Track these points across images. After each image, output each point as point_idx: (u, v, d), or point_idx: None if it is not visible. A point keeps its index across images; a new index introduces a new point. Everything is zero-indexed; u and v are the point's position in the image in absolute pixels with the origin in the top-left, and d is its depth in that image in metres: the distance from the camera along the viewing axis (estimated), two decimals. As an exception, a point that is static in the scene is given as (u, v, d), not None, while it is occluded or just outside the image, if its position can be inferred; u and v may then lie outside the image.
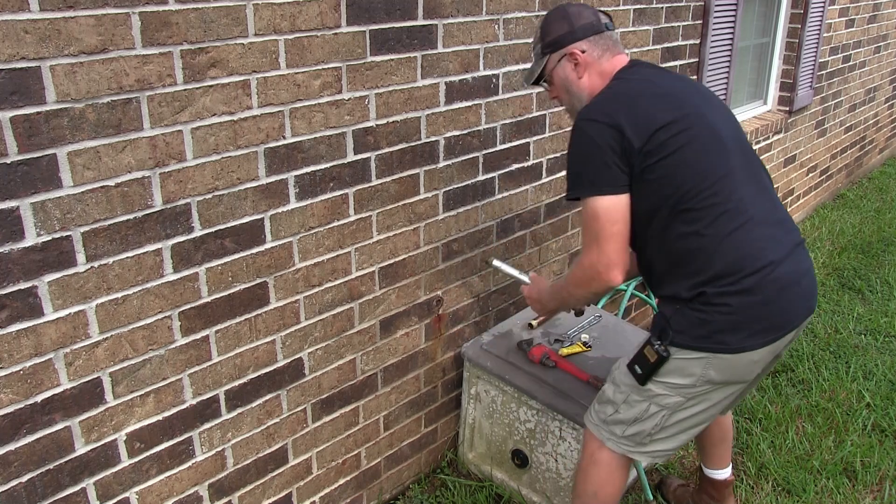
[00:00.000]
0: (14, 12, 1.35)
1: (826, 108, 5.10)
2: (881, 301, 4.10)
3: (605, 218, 1.76)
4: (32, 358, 1.54)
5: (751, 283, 1.74)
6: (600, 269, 1.79)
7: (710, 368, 1.80)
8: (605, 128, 1.74)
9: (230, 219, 1.81)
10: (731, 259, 1.75)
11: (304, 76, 1.85)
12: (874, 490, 2.70)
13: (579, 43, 1.90)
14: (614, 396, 1.96)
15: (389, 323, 2.34)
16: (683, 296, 1.80)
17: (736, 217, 1.77)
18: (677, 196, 1.76)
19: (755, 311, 1.76)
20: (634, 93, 1.83)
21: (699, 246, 1.77)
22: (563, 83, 1.95)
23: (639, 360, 1.89)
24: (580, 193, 1.79)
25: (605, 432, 1.99)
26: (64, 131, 1.46)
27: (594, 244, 1.78)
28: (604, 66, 1.91)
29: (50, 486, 1.64)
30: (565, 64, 1.93)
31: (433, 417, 2.68)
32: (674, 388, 1.85)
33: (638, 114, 1.76)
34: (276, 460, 2.14)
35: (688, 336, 1.80)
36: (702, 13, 3.33)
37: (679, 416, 1.90)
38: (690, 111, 1.81)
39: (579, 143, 1.80)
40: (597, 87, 1.91)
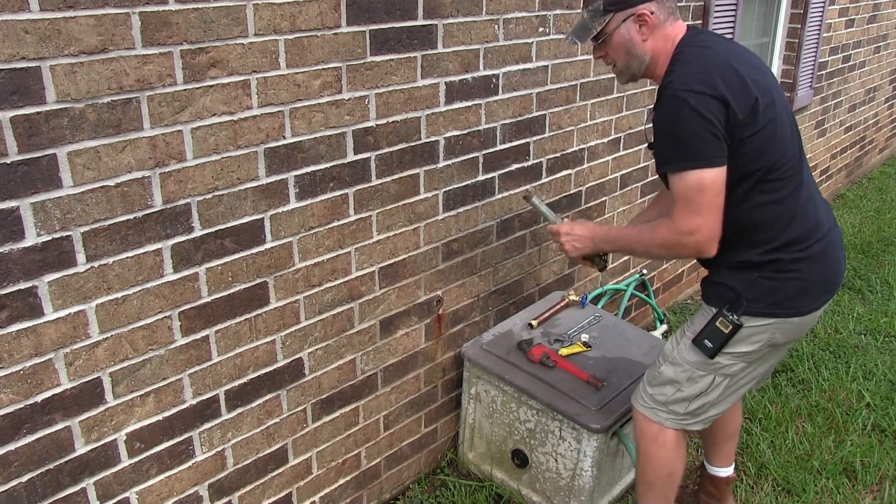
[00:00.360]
0: (14, 12, 1.35)
1: (826, 108, 5.10)
2: (881, 301, 4.10)
3: (711, 189, 1.75)
4: (32, 358, 1.54)
5: (818, 248, 1.87)
6: (700, 238, 1.79)
7: (777, 332, 1.91)
8: (710, 99, 1.72)
9: (230, 219, 1.81)
10: (806, 227, 1.86)
11: (304, 76, 1.85)
12: (874, 490, 2.70)
13: (649, 3, 1.84)
14: (676, 375, 2.00)
15: (389, 323, 2.34)
16: (754, 261, 1.86)
17: (807, 188, 1.89)
18: (766, 167, 1.80)
19: (819, 274, 1.89)
20: (725, 63, 1.79)
21: (778, 214, 1.84)
22: (625, 45, 1.89)
23: (709, 334, 1.92)
24: (687, 166, 1.75)
25: (664, 413, 2.04)
26: (64, 131, 1.46)
27: (697, 215, 1.77)
28: (667, 30, 1.87)
29: (50, 486, 1.64)
30: (630, 25, 1.86)
31: (433, 417, 2.68)
32: (739, 356, 1.93)
33: (736, 85, 1.75)
34: (276, 460, 2.14)
35: (761, 304, 1.87)
36: (702, 13, 3.33)
37: (739, 382, 1.99)
38: (770, 86, 1.84)
39: (684, 114, 1.74)
40: (659, 50, 1.87)
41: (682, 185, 1.78)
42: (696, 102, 1.72)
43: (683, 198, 1.79)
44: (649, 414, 2.06)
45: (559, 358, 2.49)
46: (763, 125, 1.77)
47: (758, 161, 1.80)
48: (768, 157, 1.80)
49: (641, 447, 2.12)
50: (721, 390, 1.98)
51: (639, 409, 2.09)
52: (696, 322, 2.00)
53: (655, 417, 2.05)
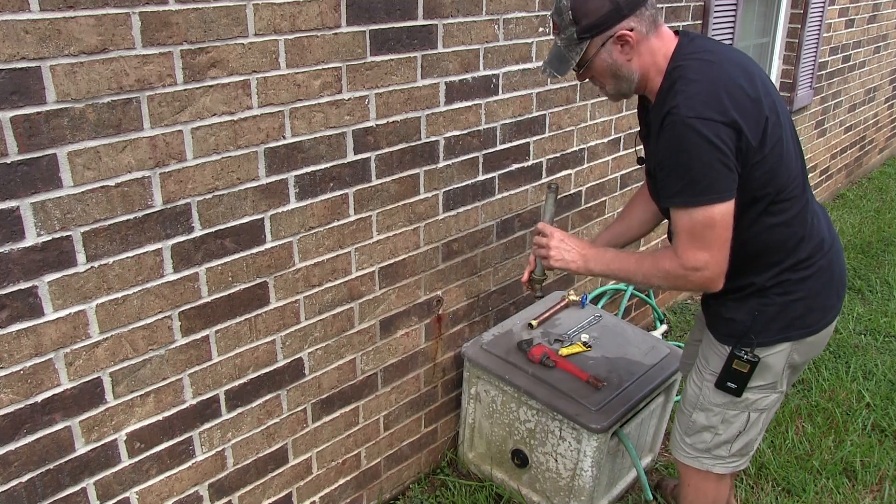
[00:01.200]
0: (14, 12, 1.35)
1: (826, 108, 5.10)
2: (881, 301, 4.10)
3: (721, 225, 1.61)
4: (32, 358, 1.54)
5: (823, 263, 1.80)
6: (708, 275, 1.67)
7: (793, 354, 1.84)
8: (722, 127, 1.56)
9: (230, 219, 1.81)
10: (812, 245, 1.78)
11: (304, 76, 1.85)
12: (874, 490, 2.70)
13: (626, 21, 1.64)
14: (709, 421, 1.92)
15: (389, 323, 2.34)
16: (762, 285, 1.77)
17: (810, 205, 1.80)
18: (775, 189, 1.69)
19: (826, 288, 1.82)
20: (732, 80, 1.62)
21: (788, 235, 1.75)
22: (609, 68, 1.71)
23: (729, 377, 1.84)
24: (696, 202, 1.60)
25: (709, 460, 1.96)
26: (64, 131, 1.46)
27: (706, 250, 1.64)
28: (652, 42, 1.69)
29: (50, 486, 1.64)
30: (611, 47, 1.67)
31: (433, 417, 2.68)
32: (766, 388, 1.87)
33: (746, 106, 1.60)
34: (276, 460, 2.14)
35: (770, 332, 1.80)
36: (702, 13, 3.33)
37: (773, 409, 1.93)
38: (773, 98, 1.70)
39: (693, 144, 1.57)
40: (648, 65, 1.70)
41: (689, 220, 1.64)
42: (706, 130, 1.55)
43: (689, 232, 1.65)
44: (694, 464, 1.99)
45: (559, 358, 2.49)
46: (772, 146, 1.65)
47: (768, 185, 1.68)
48: (778, 179, 1.69)
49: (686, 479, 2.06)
50: (760, 426, 1.92)
51: (682, 460, 2.02)
52: (711, 361, 1.91)
53: (701, 465, 1.98)
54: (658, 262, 1.75)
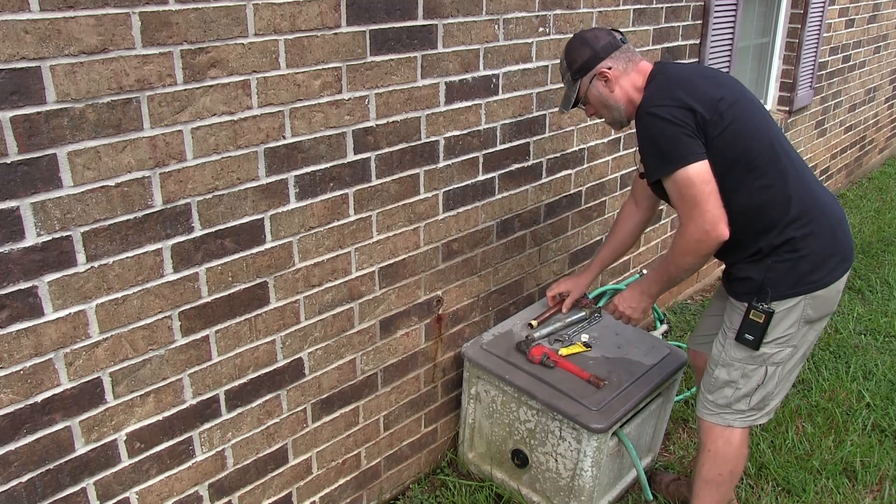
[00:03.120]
0: (14, 12, 1.35)
1: (826, 108, 5.10)
2: (881, 301, 4.10)
3: (699, 180, 1.90)
4: (32, 358, 1.54)
5: (820, 222, 2.00)
6: (707, 227, 1.91)
7: (808, 308, 2.04)
8: (676, 109, 1.91)
9: (230, 219, 1.81)
10: (803, 204, 1.99)
11: (304, 76, 1.85)
12: (874, 490, 2.70)
13: (604, 62, 2.07)
14: (730, 375, 2.13)
15: (389, 323, 2.34)
16: (771, 244, 1.99)
17: (792, 168, 2.02)
18: (745, 157, 1.96)
19: (830, 245, 2.02)
20: (684, 77, 2.02)
21: (772, 195, 1.98)
22: (600, 100, 2.12)
23: (747, 328, 2.06)
24: (670, 170, 1.92)
25: (730, 415, 2.17)
26: (64, 131, 1.46)
27: (695, 209, 1.91)
28: (631, 76, 2.08)
29: (50, 486, 1.64)
30: (597, 83, 2.10)
31: (433, 417, 2.68)
32: (782, 341, 2.06)
33: (697, 91, 1.94)
34: (276, 460, 2.14)
35: (784, 286, 2.01)
36: (702, 13, 3.33)
37: (790, 366, 2.12)
38: (732, 86, 2.03)
39: (656, 127, 1.93)
40: (631, 93, 2.08)
41: (674, 185, 1.94)
42: (662, 113, 1.92)
43: (679, 197, 1.95)
44: (716, 420, 2.18)
45: (559, 358, 2.49)
46: (730, 121, 1.93)
47: (735, 151, 1.94)
48: (744, 147, 1.95)
49: (707, 445, 2.22)
50: (776, 379, 2.11)
51: (705, 417, 2.21)
52: (733, 320, 2.11)
53: (723, 421, 2.17)
54: (674, 246, 2.04)
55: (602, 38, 2.09)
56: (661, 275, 2.17)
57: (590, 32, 2.13)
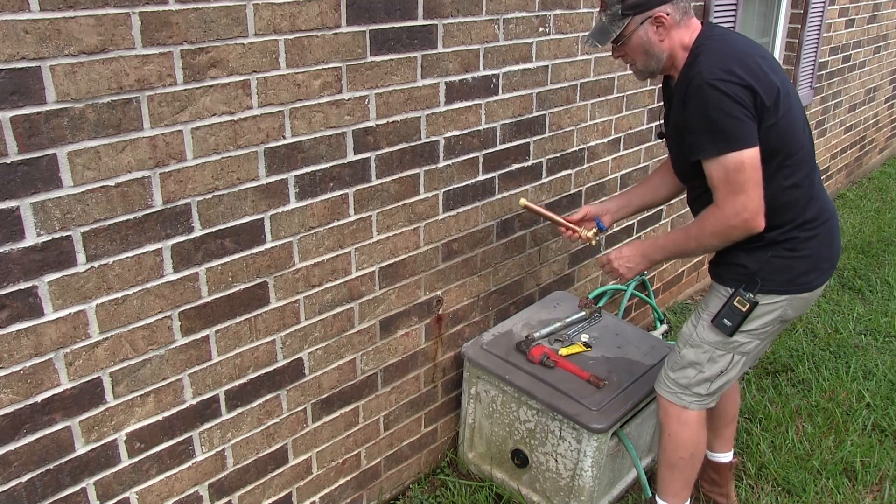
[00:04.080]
0: (14, 12, 1.35)
1: (826, 108, 5.10)
2: (881, 301, 4.10)
3: (751, 167, 1.83)
4: (32, 358, 1.54)
5: (826, 228, 2.01)
6: (746, 216, 1.87)
7: (789, 308, 2.04)
8: (740, 87, 1.81)
9: (230, 219, 1.81)
10: (818, 207, 1.99)
11: (304, 76, 1.85)
12: (874, 490, 2.70)
13: (665, 6, 1.91)
14: (697, 357, 2.11)
15: (389, 323, 2.34)
16: (773, 239, 1.96)
17: (817, 172, 2.03)
18: (785, 151, 1.91)
19: (826, 251, 2.03)
20: (744, 52, 1.89)
21: (798, 196, 1.95)
22: (643, 46, 1.96)
23: (728, 313, 2.03)
24: (726, 149, 1.83)
25: (688, 396, 2.15)
26: (64, 131, 1.46)
27: (741, 193, 1.85)
28: (682, 29, 1.95)
29: (50, 486, 1.64)
30: (648, 27, 1.93)
31: (433, 417, 2.68)
32: (754, 333, 2.05)
33: (759, 75, 1.84)
34: (276, 460, 2.14)
35: (775, 282, 1.99)
36: (702, 13, 3.33)
37: (752, 357, 2.13)
38: (782, 75, 1.95)
39: (718, 101, 1.81)
40: (676, 48, 1.95)
41: (722, 168, 1.85)
42: (726, 88, 1.80)
43: (724, 181, 1.86)
44: (673, 399, 2.17)
45: (559, 358, 2.49)
46: (783, 112, 1.87)
47: (780, 146, 1.89)
48: (788, 142, 1.90)
49: (666, 429, 2.21)
50: (738, 368, 2.11)
51: (663, 394, 2.19)
52: (711, 304, 2.09)
53: (679, 401, 2.16)
54: (703, 223, 1.97)
55: None
56: (675, 245, 2.08)
57: None
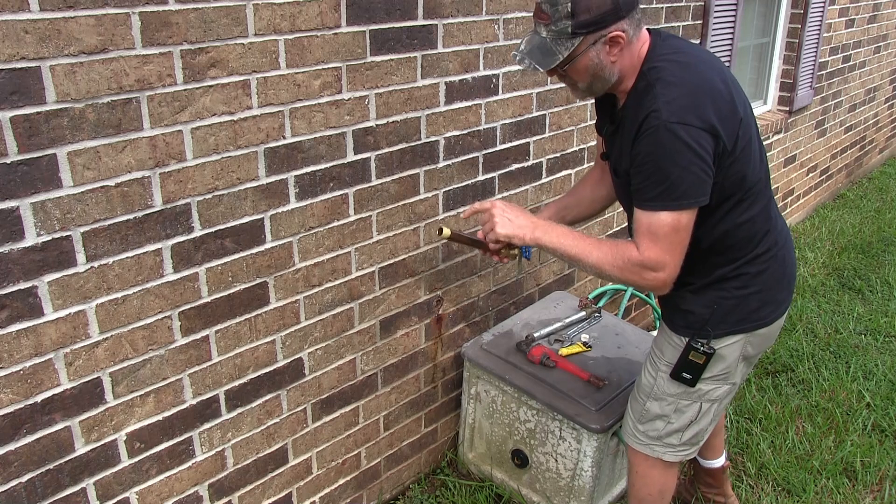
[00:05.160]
0: (14, 12, 1.35)
1: (826, 108, 5.10)
2: (881, 301, 4.10)
3: (685, 229, 1.66)
4: (32, 358, 1.54)
5: (780, 258, 1.86)
6: (664, 277, 1.69)
7: (747, 346, 1.90)
8: (702, 133, 1.58)
9: (230, 219, 1.81)
10: (772, 237, 1.84)
11: (304, 76, 1.85)
12: (874, 490, 2.70)
13: (620, 23, 1.61)
14: (663, 410, 1.98)
15: (389, 323, 2.34)
16: (723, 275, 1.82)
17: (771, 200, 1.87)
18: (744, 186, 1.73)
19: (779, 283, 1.89)
20: (709, 83, 1.64)
21: (753, 231, 1.80)
22: (592, 68, 1.67)
23: (684, 367, 1.89)
24: (667, 206, 1.62)
25: (661, 448, 2.03)
26: (64, 131, 1.46)
27: (666, 254, 1.66)
28: (634, 46, 1.68)
29: (50, 486, 1.64)
30: (600, 47, 1.63)
31: (433, 417, 2.68)
32: (719, 378, 1.93)
33: (723, 110, 1.63)
34: (276, 460, 2.14)
35: (727, 324, 1.86)
36: (702, 13, 3.33)
37: (725, 402, 2.00)
38: (741, 96, 1.73)
39: (672, 150, 1.58)
40: (626, 67, 1.69)
41: (657, 221, 1.64)
42: (687, 136, 1.57)
43: (653, 234, 1.66)
44: (646, 451, 2.05)
45: (559, 358, 2.49)
46: (742, 147, 1.68)
47: (738, 181, 1.72)
48: (746, 178, 1.73)
49: (634, 467, 2.13)
50: (711, 416, 1.98)
51: (634, 446, 2.07)
52: (666, 353, 1.95)
53: (653, 453, 2.04)
54: (618, 249, 1.72)
55: None
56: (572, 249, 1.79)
57: None
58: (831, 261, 4.59)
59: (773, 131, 4.44)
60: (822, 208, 5.55)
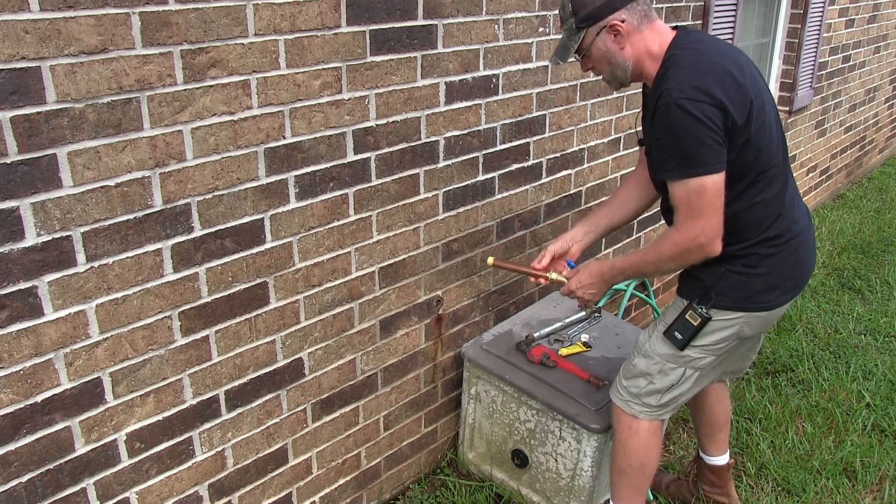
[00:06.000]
0: (14, 12, 1.35)
1: (826, 108, 5.10)
2: (881, 301, 4.10)
3: (712, 192, 1.78)
4: (32, 358, 1.54)
5: (793, 245, 1.93)
6: (703, 241, 1.82)
7: (745, 326, 1.96)
8: (709, 107, 1.73)
9: (230, 219, 1.81)
10: (786, 225, 1.92)
11: (304, 76, 1.85)
12: (874, 490, 2.70)
13: (618, 13, 1.83)
14: (648, 368, 2.05)
15: (389, 323, 2.34)
16: (733, 253, 1.89)
17: (788, 183, 1.95)
18: (758, 167, 1.85)
19: (789, 271, 1.95)
20: (719, 65, 1.79)
21: (766, 213, 1.89)
22: (604, 56, 1.89)
23: (679, 326, 1.98)
24: (690, 173, 1.77)
25: (638, 406, 2.09)
26: (64, 131, 1.46)
27: (700, 218, 1.80)
28: (645, 34, 1.86)
29: (50, 486, 1.64)
30: (605, 36, 1.86)
31: (433, 417, 2.68)
32: (708, 349, 1.99)
33: (731, 89, 1.76)
34: (276, 460, 2.14)
35: (730, 298, 1.93)
36: (702, 13, 3.33)
37: (707, 371, 2.05)
38: (760, 87, 1.87)
39: (684, 122, 1.74)
40: (642, 54, 1.87)
41: (685, 190, 1.80)
42: (695, 109, 1.72)
43: (686, 203, 1.81)
44: (624, 406, 2.11)
45: (559, 358, 2.49)
46: (757, 128, 1.80)
47: (752, 163, 1.83)
48: (761, 158, 1.84)
49: (617, 435, 2.17)
50: (691, 383, 2.05)
51: (615, 401, 2.15)
52: (667, 315, 2.05)
53: (630, 410, 2.10)
54: (661, 246, 1.91)
55: None
56: (632, 268, 2.03)
57: None
58: (831, 261, 4.59)
59: (773, 131, 4.44)
60: (822, 208, 5.55)
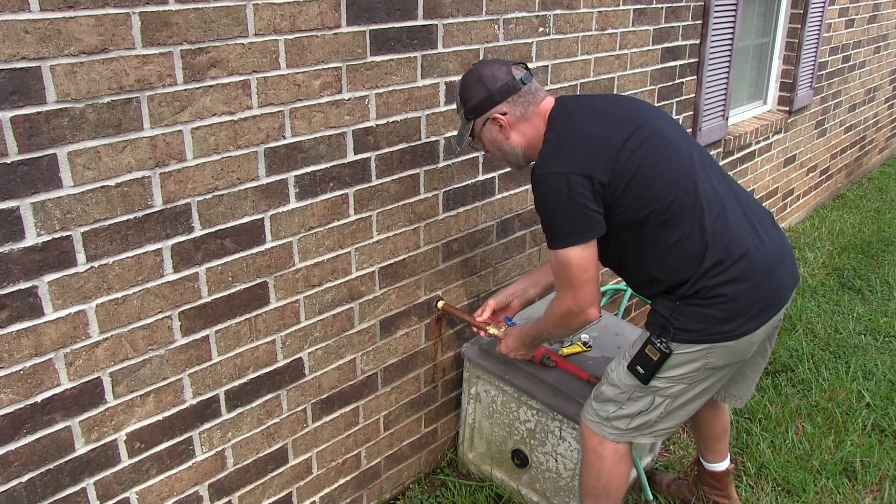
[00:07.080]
0: (14, 12, 1.35)
1: (826, 108, 5.10)
2: (881, 301, 4.10)
3: (577, 266, 1.82)
4: (32, 358, 1.54)
5: (740, 269, 1.83)
6: (576, 311, 1.89)
7: (711, 356, 1.89)
8: (572, 176, 1.77)
9: (230, 219, 1.81)
10: (720, 249, 1.83)
11: (304, 76, 1.85)
12: (874, 490, 2.70)
13: (499, 106, 1.91)
14: (615, 396, 2.01)
15: (389, 323, 2.34)
16: (684, 294, 1.86)
17: (711, 209, 1.85)
18: (655, 212, 1.82)
19: (749, 295, 1.85)
20: (582, 132, 1.85)
21: (690, 248, 1.84)
22: (494, 143, 1.99)
23: (640, 360, 1.93)
24: (555, 245, 1.84)
25: (608, 429, 2.04)
26: (64, 131, 1.46)
27: (570, 289, 1.86)
28: (532, 121, 1.93)
29: (50, 486, 1.64)
30: (490, 127, 1.95)
31: (433, 417, 2.68)
32: (676, 379, 1.93)
33: (595, 148, 1.81)
34: (276, 460, 2.14)
35: (689, 332, 1.87)
36: (702, 13, 3.33)
37: (682, 400, 1.97)
38: (635, 120, 1.88)
39: (548, 195, 1.82)
40: (530, 138, 1.94)
41: (556, 262, 1.86)
42: (555, 182, 1.79)
43: (556, 275, 1.89)
44: (594, 428, 2.06)
45: (559, 358, 2.49)
46: (636, 168, 1.80)
47: (644, 207, 1.82)
48: (654, 196, 1.82)
49: (584, 457, 2.13)
50: (662, 409, 1.98)
51: (584, 421, 2.10)
52: (634, 346, 1.99)
53: (599, 431, 2.05)
54: (546, 315, 2.01)
55: (500, 79, 1.89)
56: (535, 334, 2.13)
57: (487, 69, 1.91)
58: (831, 261, 4.59)
59: (773, 131, 4.44)
60: (822, 208, 5.55)
